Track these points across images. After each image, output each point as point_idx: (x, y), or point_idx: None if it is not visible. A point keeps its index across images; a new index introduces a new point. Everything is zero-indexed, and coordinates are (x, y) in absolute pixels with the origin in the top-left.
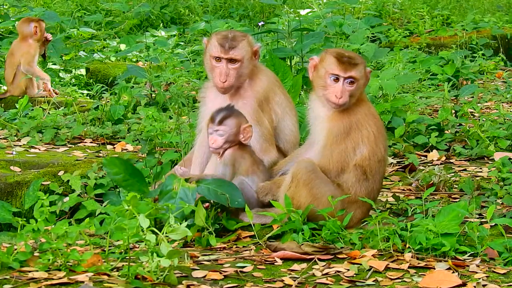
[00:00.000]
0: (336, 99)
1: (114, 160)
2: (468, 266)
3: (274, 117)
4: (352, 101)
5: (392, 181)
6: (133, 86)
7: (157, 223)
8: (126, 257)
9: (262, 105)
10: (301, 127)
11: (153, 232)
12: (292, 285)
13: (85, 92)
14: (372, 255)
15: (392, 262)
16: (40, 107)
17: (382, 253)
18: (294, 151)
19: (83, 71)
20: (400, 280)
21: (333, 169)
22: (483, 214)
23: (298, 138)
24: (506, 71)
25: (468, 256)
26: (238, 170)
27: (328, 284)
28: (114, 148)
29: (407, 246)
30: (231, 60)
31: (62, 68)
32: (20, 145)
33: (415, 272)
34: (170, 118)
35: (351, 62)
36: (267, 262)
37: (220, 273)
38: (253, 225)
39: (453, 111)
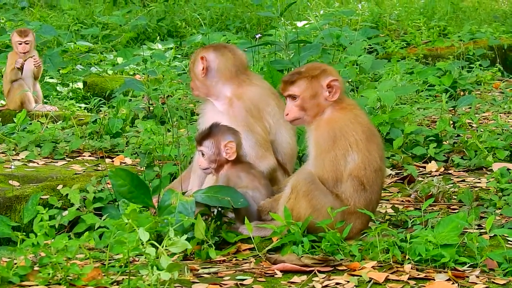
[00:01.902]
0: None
1: (120, 172)
2: (468, 277)
3: (268, 126)
4: (311, 114)
5: (391, 192)
6: (131, 99)
7: (157, 237)
8: (126, 271)
9: (253, 113)
10: (299, 139)
11: (153, 245)
12: None
13: (83, 105)
14: (372, 267)
15: (392, 273)
16: (38, 121)
17: (382, 264)
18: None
19: (80, 85)
20: None
21: (328, 179)
22: (482, 225)
23: (295, 151)
24: (503, 82)
25: (468, 267)
26: (235, 187)
27: None
28: (113, 161)
29: (407, 257)
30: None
31: (60, 82)
32: (19, 159)
33: (415, 284)
34: (168, 131)
35: (287, 80)
36: (267, 275)
37: (220, 286)
38: (253, 237)
39: (451, 122)
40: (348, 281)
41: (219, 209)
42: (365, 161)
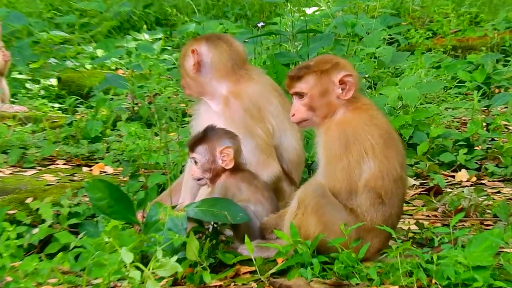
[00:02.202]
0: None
1: (98, 184)
2: None
3: (270, 128)
4: (321, 114)
5: (414, 206)
6: (112, 98)
7: (142, 258)
8: None
9: (253, 114)
10: (308, 144)
11: (137, 268)
12: None
13: (57, 105)
14: None
15: None
16: (4, 123)
17: None
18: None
19: (54, 81)
20: None
21: (341, 190)
22: None
23: (303, 158)
24: None
25: None
26: (234, 200)
27: None
28: (91, 170)
29: (433, 281)
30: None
31: (29, 78)
32: None
33: None
34: (156, 135)
35: (293, 76)
36: None
37: None
38: (254, 259)
39: (484, 124)
40: None
41: (215, 225)
42: (383, 169)
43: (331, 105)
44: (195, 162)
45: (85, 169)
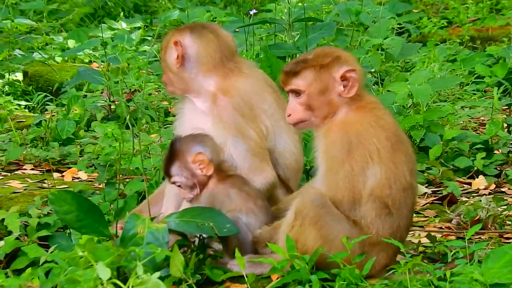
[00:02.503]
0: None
1: (64, 195)
2: None
3: (264, 130)
4: (320, 114)
5: (426, 216)
6: (85, 95)
7: (120, 274)
8: None
9: (244, 112)
10: (306, 147)
11: (115, 285)
12: None
13: (23, 103)
14: None
15: None
16: None
17: None
18: (306, 184)
19: (19, 76)
20: None
21: (343, 200)
22: None
23: (301, 162)
24: None
25: None
26: (223, 210)
27: None
28: (63, 176)
29: None
30: None
31: None
32: None
33: None
34: (136, 136)
35: (289, 71)
36: None
37: None
38: (246, 275)
39: (505, 125)
40: None
41: (202, 238)
42: (390, 176)
43: (332, 104)
44: (179, 186)
45: (55, 174)
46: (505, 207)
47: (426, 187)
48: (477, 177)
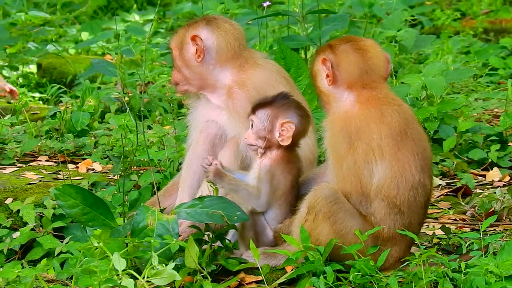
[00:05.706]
0: None
1: (68, 190)
2: None
3: None
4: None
5: (440, 208)
6: (99, 87)
7: (135, 265)
8: None
9: None
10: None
11: (131, 275)
12: None
13: (37, 95)
14: None
15: None
16: None
17: None
18: (312, 170)
19: (33, 68)
20: None
21: (351, 192)
22: None
23: (315, 153)
24: None
25: None
26: (275, 193)
27: None
28: (77, 167)
29: None
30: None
31: (6, 64)
32: None
33: None
34: (150, 128)
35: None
36: None
37: None
38: (261, 267)
39: None
40: None
41: (218, 229)
42: (396, 176)
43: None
44: (252, 125)
45: (70, 166)
46: None
47: (440, 179)
48: (491, 169)
